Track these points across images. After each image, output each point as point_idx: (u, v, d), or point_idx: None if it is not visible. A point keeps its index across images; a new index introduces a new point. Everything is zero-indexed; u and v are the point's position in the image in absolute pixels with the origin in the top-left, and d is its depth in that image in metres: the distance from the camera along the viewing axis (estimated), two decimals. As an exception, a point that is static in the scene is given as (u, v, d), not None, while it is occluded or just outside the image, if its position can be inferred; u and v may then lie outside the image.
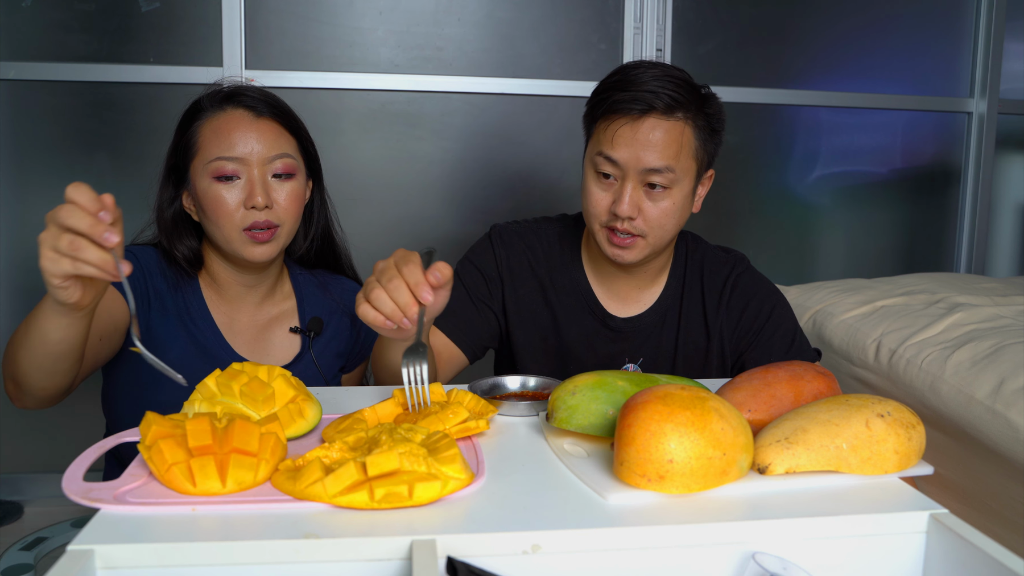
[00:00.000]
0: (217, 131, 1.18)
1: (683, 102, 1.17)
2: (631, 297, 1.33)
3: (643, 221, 1.19)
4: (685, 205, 1.22)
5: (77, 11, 2.09)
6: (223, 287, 1.26)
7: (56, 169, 2.16)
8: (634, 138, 1.16)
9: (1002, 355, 1.34)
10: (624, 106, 1.17)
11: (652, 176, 1.17)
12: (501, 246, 1.34)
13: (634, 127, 1.16)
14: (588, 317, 1.32)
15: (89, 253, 0.79)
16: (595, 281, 1.34)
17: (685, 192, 1.21)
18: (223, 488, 0.68)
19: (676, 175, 1.18)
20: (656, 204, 1.19)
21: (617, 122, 1.18)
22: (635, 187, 1.18)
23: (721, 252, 1.37)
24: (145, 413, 0.73)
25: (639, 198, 1.18)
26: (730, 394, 0.84)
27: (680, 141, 1.17)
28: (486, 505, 0.68)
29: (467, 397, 0.89)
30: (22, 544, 1.90)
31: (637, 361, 1.33)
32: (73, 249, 0.79)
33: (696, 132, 1.19)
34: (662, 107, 1.16)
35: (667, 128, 1.16)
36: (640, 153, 1.16)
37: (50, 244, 0.80)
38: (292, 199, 1.20)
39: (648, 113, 1.16)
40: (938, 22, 2.58)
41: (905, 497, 0.71)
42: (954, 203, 2.67)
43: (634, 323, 1.32)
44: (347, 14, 2.20)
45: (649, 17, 2.31)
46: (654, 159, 1.16)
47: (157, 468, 0.69)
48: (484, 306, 1.32)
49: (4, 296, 2.19)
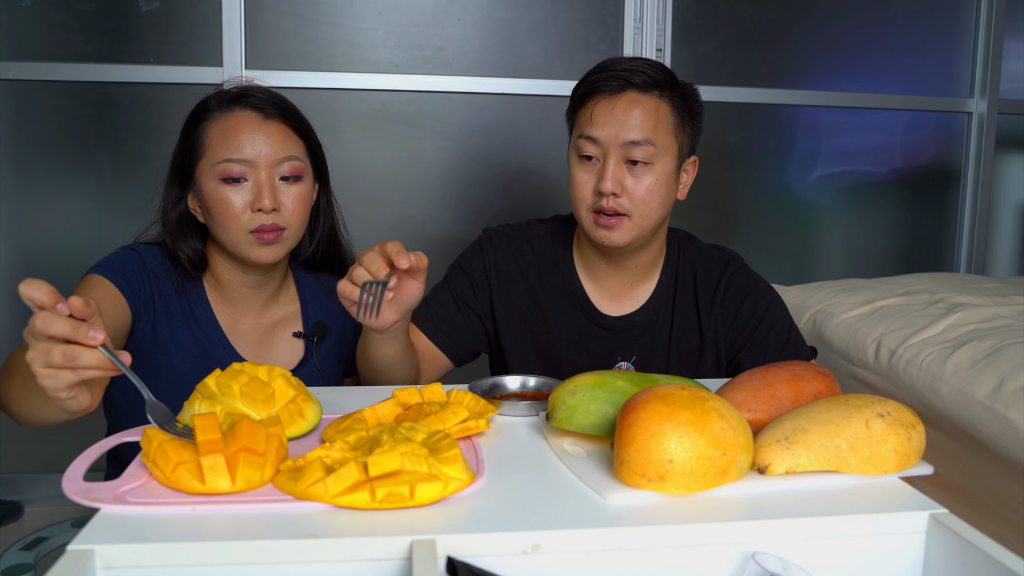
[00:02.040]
0: (225, 132, 1.17)
1: (659, 80, 1.23)
2: (623, 295, 1.34)
3: (627, 198, 1.22)
4: (668, 184, 1.25)
5: (77, 11, 2.09)
6: (227, 289, 1.26)
7: (56, 169, 2.16)
8: (612, 113, 1.21)
9: (1002, 355, 1.34)
10: (601, 85, 1.23)
11: (633, 150, 1.21)
12: (491, 250, 1.36)
13: (612, 103, 1.22)
14: (580, 316, 1.33)
15: (86, 358, 0.75)
16: (587, 280, 1.35)
17: (667, 170, 1.24)
18: (232, 486, 0.68)
19: (656, 149, 1.21)
20: (639, 180, 1.22)
21: (594, 101, 1.23)
22: (617, 163, 1.22)
23: (715, 251, 1.38)
24: (144, 430, 0.72)
25: (621, 174, 1.22)
26: (730, 394, 0.84)
27: (657, 115, 1.22)
28: (486, 505, 0.68)
29: (467, 397, 0.89)
30: (22, 544, 1.90)
31: (630, 359, 1.33)
32: (69, 360, 0.74)
33: (673, 109, 1.24)
34: (639, 83, 1.22)
35: (644, 102, 1.22)
36: (619, 128, 1.21)
37: (42, 361, 0.74)
38: (299, 202, 1.20)
39: (625, 89, 1.22)
40: (938, 22, 2.58)
41: (905, 497, 0.71)
42: (954, 203, 2.67)
43: (626, 321, 1.33)
44: (347, 14, 2.20)
45: (649, 17, 2.31)
46: (633, 132, 1.20)
47: (162, 469, 0.69)
48: (468, 310, 1.34)
49: (4, 296, 2.19)
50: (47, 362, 0.75)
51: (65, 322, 0.74)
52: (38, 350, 0.75)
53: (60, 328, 0.73)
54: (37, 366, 0.75)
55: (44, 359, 0.75)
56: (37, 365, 0.75)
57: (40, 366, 0.75)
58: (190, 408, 0.82)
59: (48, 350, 0.74)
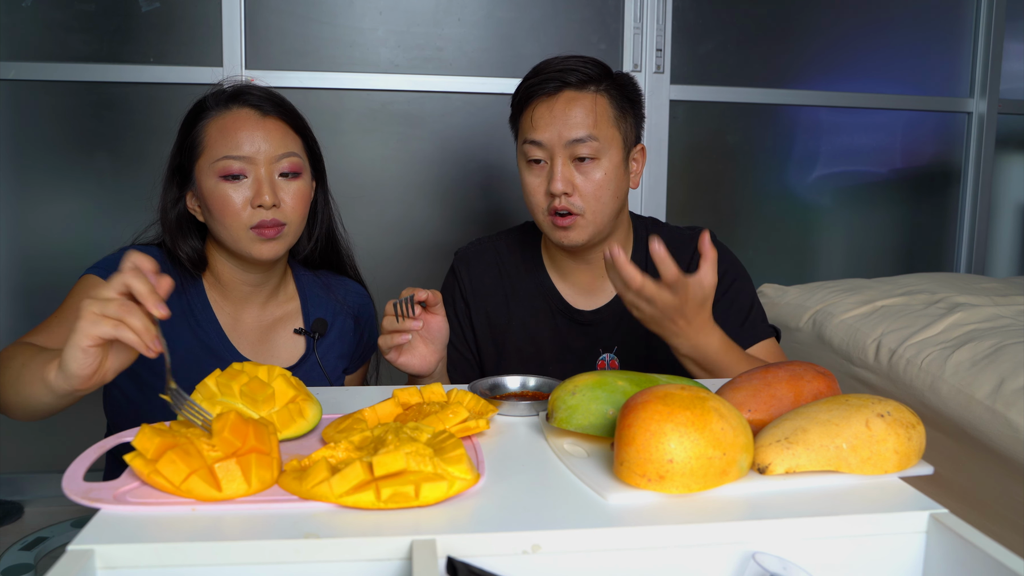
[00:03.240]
0: (223, 130, 1.17)
1: (593, 75, 1.24)
2: (595, 288, 1.35)
3: (579, 197, 1.23)
4: (618, 177, 1.25)
5: (77, 11, 2.09)
6: (228, 288, 1.26)
7: (56, 169, 2.16)
8: (551, 115, 1.22)
9: (1002, 355, 1.34)
10: (538, 88, 1.24)
11: (577, 148, 1.22)
12: (463, 270, 1.38)
13: (550, 104, 1.23)
14: (556, 316, 1.35)
15: (136, 320, 0.79)
16: (558, 279, 1.36)
17: (615, 163, 1.24)
18: (249, 489, 0.68)
19: (600, 144, 1.22)
20: (588, 177, 1.23)
21: (533, 105, 1.25)
22: (564, 163, 1.23)
23: (685, 229, 1.39)
24: (141, 426, 0.71)
25: (570, 173, 1.23)
26: (730, 394, 0.84)
27: (595, 110, 1.23)
28: (486, 505, 0.68)
29: (467, 397, 0.89)
30: (22, 544, 1.91)
31: (612, 351, 1.34)
32: (123, 312, 0.79)
33: (611, 101, 1.25)
34: (574, 81, 1.23)
35: (581, 99, 1.23)
36: (561, 128, 1.22)
37: (96, 308, 0.79)
38: (298, 198, 1.20)
39: (561, 89, 1.23)
40: (938, 22, 2.58)
41: (905, 497, 0.70)
42: (954, 203, 2.67)
43: (601, 314, 1.34)
44: (347, 14, 2.20)
45: (649, 17, 2.31)
46: (575, 130, 1.21)
47: (170, 481, 0.67)
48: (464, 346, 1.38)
49: (4, 296, 2.19)
50: (101, 310, 0.79)
51: (147, 284, 0.80)
52: (100, 299, 0.80)
53: (141, 287, 0.79)
54: (89, 308, 0.79)
55: (100, 308, 0.79)
56: (90, 308, 0.79)
57: (91, 310, 0.79)
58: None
59: (109, 300, 0.79)
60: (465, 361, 1.38)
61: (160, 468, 0.67)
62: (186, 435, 0.71)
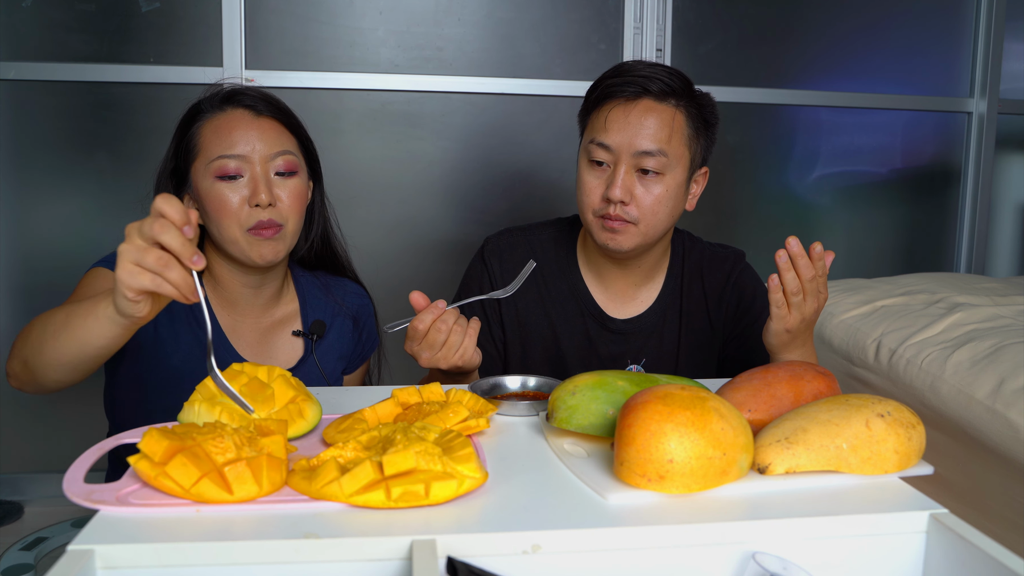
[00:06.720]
0: (218, 131, 1.17)
1: (676, 89, 1.19)
2: (629, 296, 1.33)
3: (635, 207, 1.19)
4: (678, 195, 1.22)
5: (77, 11, 2.09)
6: (227, 291, 1.25)
7: (56, 169, 2.16)
8: (627, 121, 1.18)
9: (1002, 355, 1.34)
10: (617, 90, 1.19)
11: (644, 160, 1.18)
12: (495, 259, 1.34)
13: (627, 110, 1.19)
14: (588, 320, 1.32)
15: (174, 273, 0.77)
16: (592, 283, 1.33)
17: (678, 181, 1.21)
18: (260, 491, 0.67)
19: (668, 160, 1.19)
20: (648, 190, 1.19)
21: (609, 106, 1.20)
22: (628, 171, 1.19)
23: (719, 248, 1.38)
24: (148, 429, 0.71)
25: (631, 183, 1.19)
26: (730, 394, 0.84)
27: (672, 126, 1.19)
28: (486, 505, 0.68)
29: (467, 396, 0.89)
30: (22, 544, 1.90)
31: (640, 362, 1.33)
32: (161, 265, 0.77)
33: (688, 120, 1.21)
34: (655, 91, 1.18)
35: (659, 111, 1.19)
36: (632, 136, 1.18)
37: (132, 257, 0.77)
38: (295, 197, 1.20)
39: (641, 96, 1.19)
40: (938, 22, 2.58)
41: (905, 497, 0.71)
42: (954, 203, 2.67)
43: (634, 324, 1.32)
44: (347, 14, 2.20)
45: (649, 17, 2.31)
46: (646, 142, 1.17)
47: (180, 484, 0.66)
48: (491, 343, 1.34)
49: (4, 296, 2.19)
50: (138, 260, 0.77)
51: (180, 236, 0.77)
52: (135, 247, 0.77)
53: (173, 240, 0.76)
54: (125, 260, 0.77)
55: (136, 256, 0.77)
56: (126, 259, 0.77)
57: (128, 261, 0.77)
58: (190, 409, 0.82)
59: (144, 250, 0.77)
60: (490, 357, 1.33)
61: (170, 471, 0.66)
62: (194, 437, 0.71)
